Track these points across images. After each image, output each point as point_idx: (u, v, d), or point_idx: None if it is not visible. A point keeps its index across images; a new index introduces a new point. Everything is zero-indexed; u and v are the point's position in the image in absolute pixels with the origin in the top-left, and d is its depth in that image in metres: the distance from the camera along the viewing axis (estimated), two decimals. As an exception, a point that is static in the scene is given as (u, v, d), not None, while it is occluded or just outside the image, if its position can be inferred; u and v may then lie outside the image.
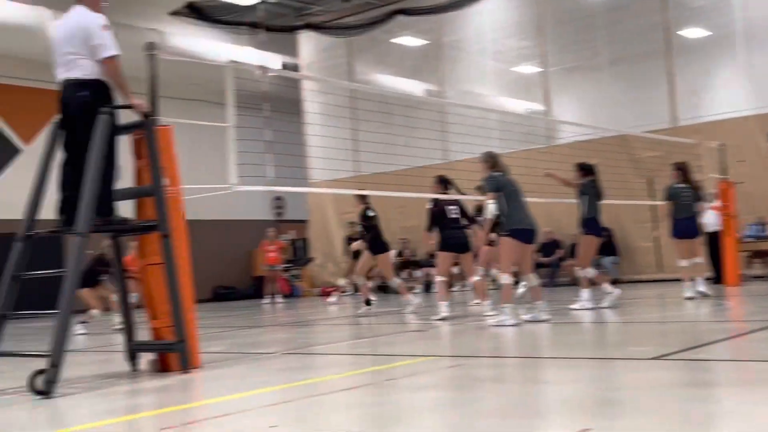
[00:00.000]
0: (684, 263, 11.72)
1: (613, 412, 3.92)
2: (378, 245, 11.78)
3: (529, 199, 9.35)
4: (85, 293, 11.72)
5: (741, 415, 3.77)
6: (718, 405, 4.04)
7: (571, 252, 19.07)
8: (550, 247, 18.70)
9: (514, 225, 8.80)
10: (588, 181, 10.64)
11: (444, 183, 10.91)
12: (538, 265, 18.47)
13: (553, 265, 18.46)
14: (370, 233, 11.67)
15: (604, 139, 17.04)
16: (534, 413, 4.12)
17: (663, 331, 8.17)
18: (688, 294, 11.29)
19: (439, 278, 10.53)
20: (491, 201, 8.98)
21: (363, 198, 11.92)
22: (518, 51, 22.10)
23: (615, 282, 18.09)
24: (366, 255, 11.89)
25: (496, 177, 9.00)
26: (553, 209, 18.79)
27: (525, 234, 8.88)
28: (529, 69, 22.28)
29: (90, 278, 11.41)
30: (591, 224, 10.47)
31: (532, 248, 9.28)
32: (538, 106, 21.26)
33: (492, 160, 9.16)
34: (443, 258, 10.48)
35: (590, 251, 10.59)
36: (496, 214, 8.95)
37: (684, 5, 18.74)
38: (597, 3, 19.92)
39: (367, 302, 12.14)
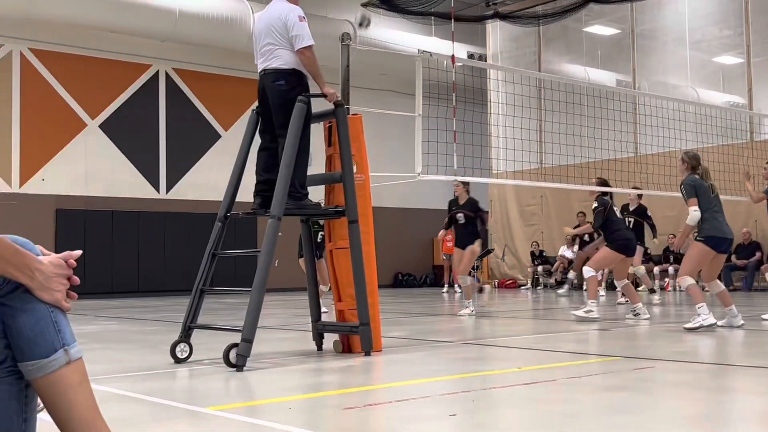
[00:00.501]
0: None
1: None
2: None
3: (727, 198, 8.85)
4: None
5: None
6: None
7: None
8: (748, 249, 17.59)
9: (711, 232, 8.36)
10: None
11: (605, 185, 10.51)
12: (735, 268, 17.43)
13: (750, 268, 17.35)
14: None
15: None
16: (724, 422, 3.89)
17: None
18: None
19: (591, 273, 10.09)
20: (694, 208, 8.40)
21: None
22: (719, 40, 20.90)
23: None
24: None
25: (697, 181, 8.54)
26: (754, 208, 17.62)
27: (721, 243, 8.44)
28: (731, 59, 21.01)
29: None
30: None
31: (724, 257, 8.78)
32: (739, 99, 20.01)
33: (692, 161, 8.67)
34: (610, 256, 10.10)
35: None
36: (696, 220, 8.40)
37: None
38: (810, -12, 18.45)
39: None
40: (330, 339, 6.91)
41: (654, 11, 20.93)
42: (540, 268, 21.77)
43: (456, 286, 20.30)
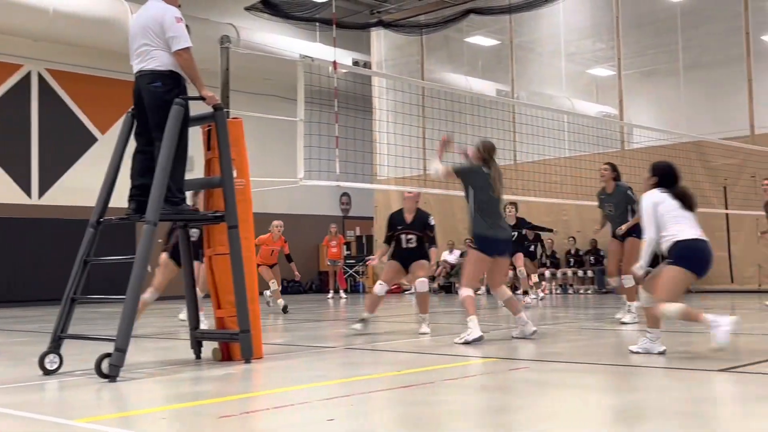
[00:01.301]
0: None
1: (676, 423, 3.82)
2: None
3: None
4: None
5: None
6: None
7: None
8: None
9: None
10: None
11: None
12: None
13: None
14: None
15: (678, 145, 16.64)
16: (607, 421, 4.03)
17: (733, 343, 7.92)
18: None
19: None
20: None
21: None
22: (593, 53, 21.78)
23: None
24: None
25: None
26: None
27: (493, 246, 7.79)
28: (604, 71, 21.92)
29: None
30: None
31: (505, 262, 8.18)
32: (611, 109, 20.91)
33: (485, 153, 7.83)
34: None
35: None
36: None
37: (766, 10, 18.17)
38: (675, 6, 19.47)
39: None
40: (209, 347, 6.77)
41: (531, 23, 21.61)
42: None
43: (341, 291, 20.33)
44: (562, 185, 15.03)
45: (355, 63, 22.13)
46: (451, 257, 21.19)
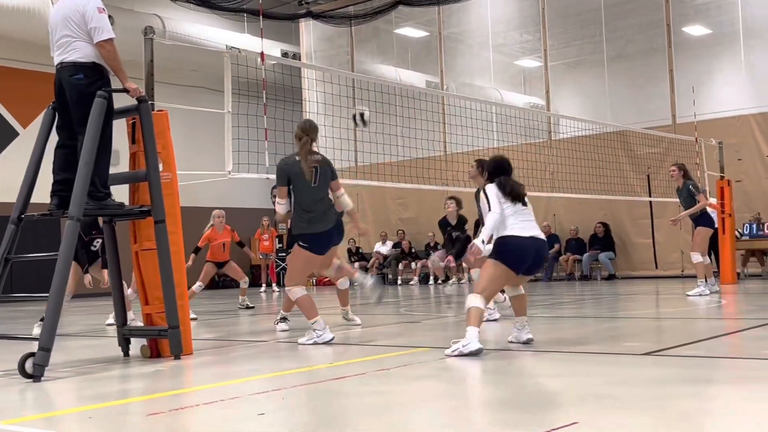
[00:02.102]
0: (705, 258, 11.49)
1: (602, 407, 3.91)
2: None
3: (528, 194, 9.28)
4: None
5: (732, 411, 3.77)
6: (708, 401, 4.03)
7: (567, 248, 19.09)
8: (547, 241, 18.72)
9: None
10: None
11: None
12: None
13: (549, 260, 18.45)
14: None
15: (603, 135, 17.02)
16: (525, 406, 4.10)
17: (658, 327, 8.16)
18: (708, 291, 11.23)
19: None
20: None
21: None
22: (520, 45, 22.05)
23: (610, 277, 18.17)
24: None
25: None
26: (552, 203, 18.79)
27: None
28: (531, 63, 22.23)
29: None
30: None
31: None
32: (538, 100, 21.23)
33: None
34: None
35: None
36: None
37: (686, 2, 18.69)
38: (600, -2, 19.88)
39: None
40: (138, 344, 6.66)
41: (460, 15, 21.78)
42: (356, 264, 22.09)
43: (274, 285, 20.22)
44: (491, 175, 15.19)
45: (284, 54, 21.99)
46: (383, 249, 21.27)
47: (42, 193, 6.31)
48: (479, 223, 8.41)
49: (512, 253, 6.13)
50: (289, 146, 10.33)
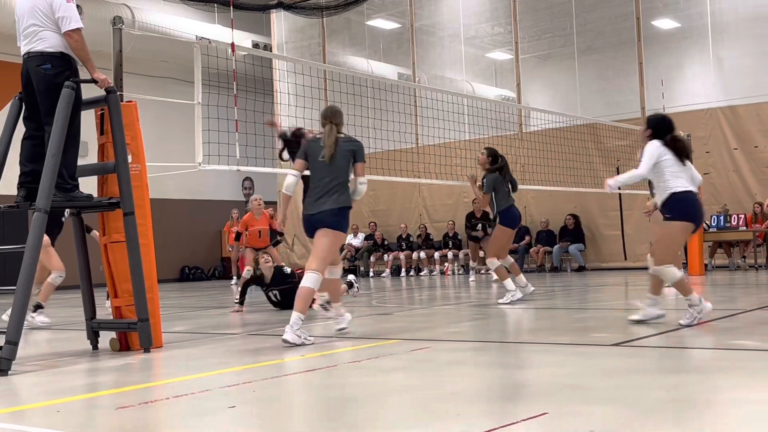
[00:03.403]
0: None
1: (572, 397, 3.95)
2: None
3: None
4: None
5: (699, 400, 3.82)
6: (675, 391, 4.08)
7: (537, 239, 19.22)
8: (518, 233, 18.80)
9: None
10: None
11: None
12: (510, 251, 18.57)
13: (520, 251, 18.55)
14: None
15: (573, 127, 17.13)
16: (495, 397, 4.13)
17: (626, 318, 8.24)
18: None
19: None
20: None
21: None
22: (491, 37, 22.11)
23: (580, 269, 18.32)
24: None
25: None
26: (523, 195, 18.83)
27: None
28: (502, 55, 22.31)
29: None
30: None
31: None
32: (509, 93, 21.32)
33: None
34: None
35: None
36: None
37: (656, -4, 18.86)
38: (570, -9, 19.98)
39: None
40: (107, 337, 6.60)
41: (432, 7, 21.78)
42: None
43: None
44: (462, 167, 15.25)
45: (255, 45, 21.86)
46: (355, 241, 21.25)
47: (9, 185, 6.22)
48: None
49: (692, 204, 6.61)
50: (260, 137, 10.31)
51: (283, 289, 9.86)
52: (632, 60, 18.64)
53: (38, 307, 8.95)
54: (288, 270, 10.15)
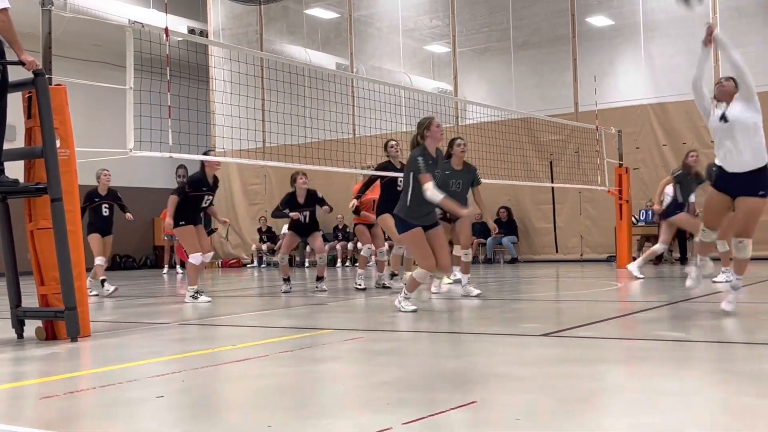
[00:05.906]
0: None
1: (501, 386, 4.01)
2: None
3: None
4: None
5: (623, 388, 3.92)
6: (601, 380, 4.18)
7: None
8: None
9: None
10: None
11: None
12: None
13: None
14: None
15: (509, 121, 17.34)
16: (425, 386, 4.17)
17: (557, 309, 8.40)
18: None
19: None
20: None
21: None
22: (429, 30, 22.20)
23: (513, 261, 18.58)
24: None
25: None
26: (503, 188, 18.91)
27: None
28: (440, 48, 22.42)
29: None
30: None
31: None
32: (447, 86, 21.44)
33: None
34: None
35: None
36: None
37: (591, -7, 19.19)
38: (508, -15, 20.18)
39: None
40: (32, 326, 6.45)
41: (371, -2, 21.76)
42: (264, 246, 21.94)
43: (178, 267, 19.84)
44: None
45: (191, 31, 21.53)
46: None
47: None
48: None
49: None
50: (193, 124, 10.16)
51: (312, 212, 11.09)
52: (567, 56, 18.94)
53: None
54: (321, 194, 11.52)
